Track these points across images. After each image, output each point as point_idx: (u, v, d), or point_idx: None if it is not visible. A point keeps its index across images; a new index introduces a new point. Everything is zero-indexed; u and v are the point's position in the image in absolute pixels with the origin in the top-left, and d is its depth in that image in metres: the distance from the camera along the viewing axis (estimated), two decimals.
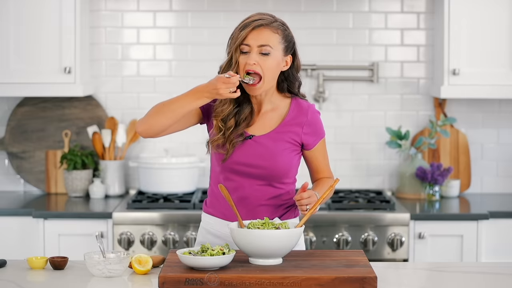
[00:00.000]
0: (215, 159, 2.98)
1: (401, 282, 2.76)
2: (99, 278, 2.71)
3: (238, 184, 2.94)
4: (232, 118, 2.93)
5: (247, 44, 2.86)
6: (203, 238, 3.04)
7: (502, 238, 4.17)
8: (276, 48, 2.87)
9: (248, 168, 2.92)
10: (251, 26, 2.86)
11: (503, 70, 4.37)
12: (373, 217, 4.09)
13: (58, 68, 4.35)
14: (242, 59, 2.87)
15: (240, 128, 2.92)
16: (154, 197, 4.38)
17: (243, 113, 2.94)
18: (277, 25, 2.89)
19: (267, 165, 2.91)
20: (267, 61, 2.86)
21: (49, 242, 4.10)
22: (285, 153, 2.93)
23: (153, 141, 4.71)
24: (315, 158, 3.01)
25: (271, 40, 2.86)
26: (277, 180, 2.94)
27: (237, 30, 2.89)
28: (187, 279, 2.54)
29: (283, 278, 2.54)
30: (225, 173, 2.96)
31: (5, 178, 4.73)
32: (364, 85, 4.71)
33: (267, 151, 2.91)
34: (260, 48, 2.86)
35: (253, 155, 2.92)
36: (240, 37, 2.86)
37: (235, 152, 2.92)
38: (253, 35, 2.85)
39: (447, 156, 4.68)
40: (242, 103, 2.95)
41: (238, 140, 2.91)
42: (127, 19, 4.69)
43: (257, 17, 2.89)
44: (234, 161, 2.92)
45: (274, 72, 2.89)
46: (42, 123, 4.68)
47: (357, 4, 4.68)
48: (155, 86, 4.71)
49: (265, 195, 2.95)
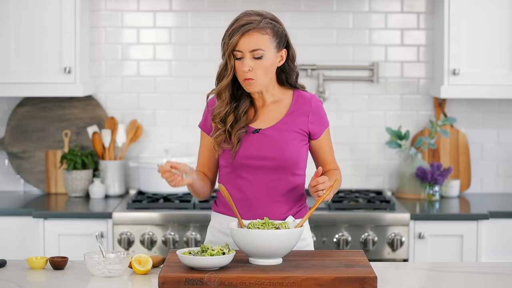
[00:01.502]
0: (223, 159, 2.99)
1: (401, 282, 2.76)
2: (99, 278, 2.71)
3: (249, 181, 2.95)
4: (231, 114, 2.94)
5: (239, 50, 2.86)
6: (213, 237, 3.04)
7: (502, 238, 4.17)
8: (268, 48, 2.87)
9: (258, 161, 2.93)
10: (240, 32, 2.85)
11: (503, 70, 4.38)
12: (373, 217, 4.09)
13: (58, 68, 4.35)
14: (236, 65, 2.88)
15: (241, 122, 2.93)
16: (154, 197, 4.38)
17: (242, 107, 2.95)
18: (265, 25, 2.87)
19: (277, 155, 2.92)
20: (261, 64, 2.87)
21: (49, 242, 4.10)
22: (293, 143, 2.94)
23: (153, 141, 4.72)
24: (321, 148, 3.02)
25: (261, 43, 2.86)
26: (288, 171, 2.95)
27: (226, 36, 2.89)
28: (187, 279, 2.54)
29: (283, 278, 2.54)
30: (236, 171, 2.96)
31: (5, 178, 4.73)
32: (364, 85, 4.71)
33: (275, 142, 2.93)
34: (252, 52, 2.86)
35: (261, 148, 2.93)
36: (231, 44, 2.86)
37: (243, 146, 2.93)
38: (243, 40, 2.86)
39: (447, 156, 4.68)
40: (240, 99, 2.96)
41: (241, 132, 2.92)
42: (127, 19, 4.69)
43: (244, 21, 2.87)
44: (243, 155, 2.93)
45: (270, 72, 2.91)
46: (42, 123, 4.68)
47: (357, 4, 4.68)
48: (155, 86, 4.71)
49: (278, 190, 2.95)
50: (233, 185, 2.97)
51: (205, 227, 3.93)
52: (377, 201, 4.29)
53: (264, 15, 2.90)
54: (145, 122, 4.71)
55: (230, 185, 2.97)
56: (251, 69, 2.86)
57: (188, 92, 4.70)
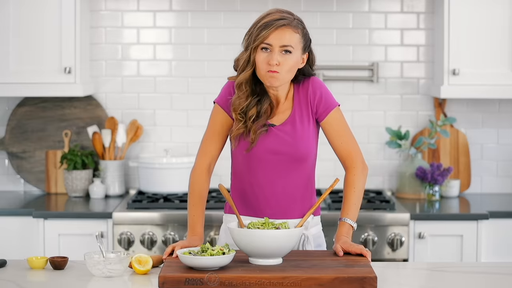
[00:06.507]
0: (238, 152, 2.96)
1: (401, 282, 2.76)
2: (99, 278, 2.71)
3: (262, 173, 2.94)
4: (254, 107, 2.91)
5: (269, 43, 2.84)
6: (228, 238, 3.00)
7: (502, 238, 4.17)
8: (297, 47, 2.87)
9: (273, 155, 2.92)
10: (274, 26, 2.83)
11: (503, 70, 4.37)
12: (373, 217, 4.09)
13: (58, 68, 4.35)
14: (261, 57, 2.85)
15: (262, 119, 2.92)
16: (154, 197, 4.38)
17: (265, 104, 2.93)
18: (296, 24, 2.88)
19: (291, 150, 2.92)
20: (288, 60, 2.85)
21: (49, 242, 4.10)
22: (305, 136, 2.94)
23: (153, 141, 4.72)
24: (333, 131, 2.96)
25: (293, 40, 2.85)
26: (300, 162, 2.94)
27: (257, 28, 2.85)
28: (187, 279, 2.54)
29: (283, 278, 2.55)
30: (250, 163, 2.94)
31: (5, 178, 4.73)
32: (364, 85, 4.71)
33: (290, 137, 2.92)
34: (282, 48, 2.85)
35: (277, 142, 2.92)
36: (262, 37, 2.83)
37: (260, 141, 2.92)
38: (276, 35, 2.84)
39: (447, 156, 4.68)
40: (261, 95, 2.94)
41: (263, 130, 2.91)
42: (127, 19, 4.69)
43: (277, 16, 2.86)
44: (260, 149, 2.92)
45: (293, 70, 2.89)
46: (42, 123, 4.68)
47: (357, 4, 4.68)
48: (155, 86, 4.71)
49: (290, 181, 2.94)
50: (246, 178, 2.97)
51: (205, 227, 3.93)
52: (377, 201, 4.29)
53: (294, 15, 2.91)
54: (145, 122, 4.71)
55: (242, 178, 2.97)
56: (278, 64, 2.85)
57: (188, 92, 4.70)
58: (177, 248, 2.78)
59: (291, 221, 2.88)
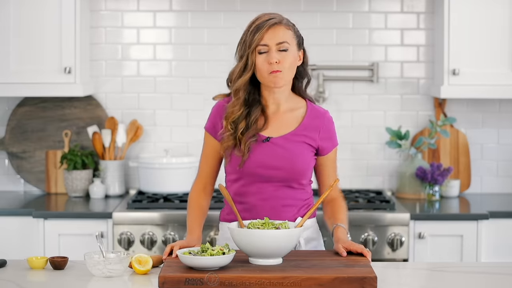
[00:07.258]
0: (231, 166, 2.96)
1: (401, 282, 2.76)
2: (99, 278, 2.71)
3: (256, 190, 2.94)
4: (243, 121, 2.91)
5: (264, 44, 2.86)
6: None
7: (502, 238, 4.17)
8: (292, 43, 2.90)
9: (268, 170, 2.91)
10: (266, 26, 2.86)
11: (503, 70, 4.38)
12: (373, 217, 4.10)
13: (58, 68, 4.35)
14: (260, 59, 2.86)
15: (252, 130, 2.91)
16: (154, 197, 4.38)
17: (253, 114, 2.93)
18: (287, 21, 2.92)
19: (287, 166, 2.91)
20: (287, 57, 2.88)
21: (49, 242, 4.10)
22: (303, 155, 2.94)
23: (153, 141, 4.72)
24: (326, 166, 3.02)
25: (287, 36, 2.89)
26: (296, 182, 2.95)
27: (249, 33, 2.87)
28: (187, 279, 2.54)
29: (283, 278, 2.55)
30: (243, 179, 2.94)
31: (5, 178, 4.74)
32: (364, 85, 4.71)
33: (287, 153, 2.92)
34: (278, 45, 2.87)
35: (272, 157, 2.91)
36: (256, 39, 2.85)
37: (253, 155, 2.91)
38: (269, 34, 2.86)
39: (447, 156, 4.68)
40: (251, 105, 2.94)
41: (251, 141, 2.90)
42: (127, 19, 4.69)
43: (267, 17, 2.89)
44: (253, 164, 2.91)
45: (293, 67, 2.91)
46: (42, 123, 4.68)
47: (357, 4, 4.68)
48: (155, 86, 4.71)
49: (285, 197, 2.95)
50: (239, 193, 2.96)
51: (205, 227, 3.93)
52: (377, 201, 4.29)
53: (282, 16, 2.94)
54: (145, 122, 4.71)
55: (235, 193, 2.96)
56: (278, 62, 2.86)
57: (188, 92, 4.70)
58: (175, 247, 2.78)
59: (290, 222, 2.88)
